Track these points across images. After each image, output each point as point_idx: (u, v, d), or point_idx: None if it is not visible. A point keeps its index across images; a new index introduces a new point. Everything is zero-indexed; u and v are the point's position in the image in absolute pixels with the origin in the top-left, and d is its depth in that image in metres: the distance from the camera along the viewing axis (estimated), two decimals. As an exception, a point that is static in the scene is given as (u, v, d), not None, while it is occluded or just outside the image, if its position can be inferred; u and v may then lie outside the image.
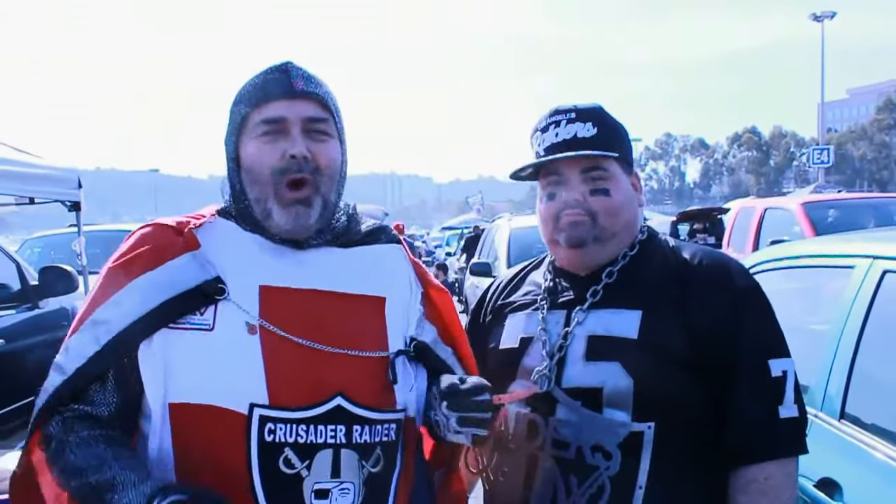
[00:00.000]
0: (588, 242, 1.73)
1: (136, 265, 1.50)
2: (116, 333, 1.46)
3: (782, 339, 1.69)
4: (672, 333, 1.64)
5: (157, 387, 1.45)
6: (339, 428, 1.45)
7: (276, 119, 1.50)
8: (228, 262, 1.51)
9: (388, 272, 1.64)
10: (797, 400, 1.64)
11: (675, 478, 1.62)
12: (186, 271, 1.49)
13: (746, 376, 1.62)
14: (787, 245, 3.96)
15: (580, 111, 1.76)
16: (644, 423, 1.62)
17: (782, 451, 1.63)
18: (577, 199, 1.72)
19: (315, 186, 1.51)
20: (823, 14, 35.43)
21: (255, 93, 1.53)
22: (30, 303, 6.01)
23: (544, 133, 1.77)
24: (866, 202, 10.60)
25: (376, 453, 1.50)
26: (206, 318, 1.47)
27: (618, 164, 1.75)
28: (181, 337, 1.45)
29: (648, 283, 1.72)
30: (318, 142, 1.52)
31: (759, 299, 1.70)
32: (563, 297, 1.79)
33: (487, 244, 11.57)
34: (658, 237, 1.84)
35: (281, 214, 1.50)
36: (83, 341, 1.47)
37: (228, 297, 1.47)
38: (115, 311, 1.47)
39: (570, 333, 1.72)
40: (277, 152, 1.49)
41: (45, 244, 10.25)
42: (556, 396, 1.69)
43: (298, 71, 1.54)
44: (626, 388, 1.62)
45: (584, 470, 1.64)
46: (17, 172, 4.99)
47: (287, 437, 1.43)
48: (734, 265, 1.77)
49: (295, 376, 1.45)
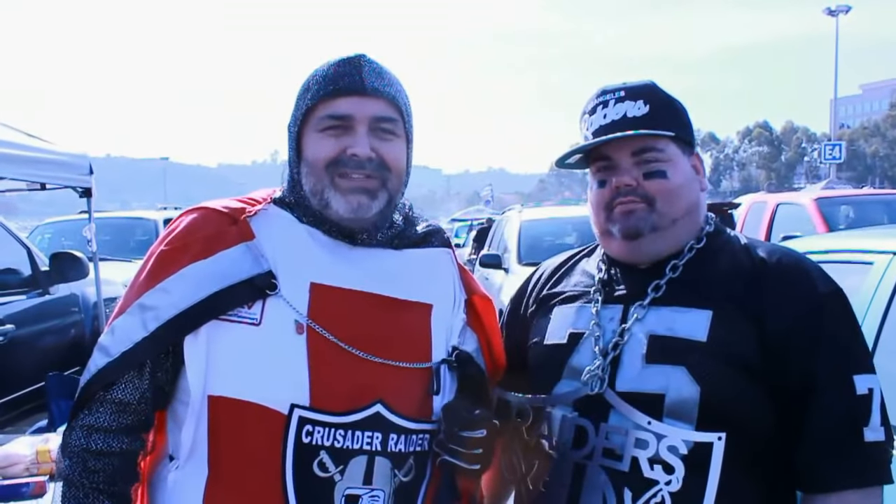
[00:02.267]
0: (645, 232, 1.56)
1: (188, 253, 1.47)
2: (165, 321, 1.44)
3: (868, 353, 1.54)
4: (745, 339, 1.47)
5: (199, 377, 1.43)
6: (375, 435, 1.44)
7: (342, 116, 1.47)
8: (281, 256, 1.48)
9: (437, 278, 1.61)
10: (884, 422, 1.46)
11: (747, 498, 1.47)
12: (239, 263, 1.46)
13: (828, 392, 1.44)
14: (803, 240, 3.92)
15: (630, 89, 1.60)
16: (714, 433, 1.44)
17: (868, 480, 1.44)
18: (630, 185, 1.55)
19: (382, 181, 1.49)
20: (838, 8, 35.21)
21: (324, 85, 1.49)
22: (40, 289, 6.02)
23: (592, 115, 1.61)
24: (879, 199, 10.54)
25: (409, 463, 1.49)
26: (254, 311, 1.44)
27: (674, 143, 1.58)
28: (228, 329, 1.43)
29: (718, 281, 1.54)
30: (384, 140, 1.49)
31: (842, 307, 1.53)
32: (619, 290, 1.61)
33: (497, 236, 11.52)
34: (728, 231, 1.67)
35: (340, 202, 1.47)
36: (131, 325, 1.46)
37: (279, 293, 1.44)
38: (165, 298, 1.45)
39: (628, 331, 1.54)
40: (337, 147, 1.47)
41: (55, 230, 10.29)
42: (609, 400, 1.51)
43: (371, 66, 1.50)
44: (692, 397, 1.45)
45: (641, 484, 1.46)
46: (29, 158, 4.98)
47: (324, 441, 1.41)
48: (814, 267, 1.58)
49: (337, 380, 1.43)
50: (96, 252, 5.97)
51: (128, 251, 9.00)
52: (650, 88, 1.62)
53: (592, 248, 1.78)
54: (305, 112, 1.50)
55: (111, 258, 8.09)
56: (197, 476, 1.45)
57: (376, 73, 1.50)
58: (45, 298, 6.08)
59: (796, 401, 1.46)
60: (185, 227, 1.52)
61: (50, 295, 6.13)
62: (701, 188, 1.64)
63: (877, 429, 1.45)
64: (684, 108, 1.66)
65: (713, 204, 1.92)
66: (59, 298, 6.24)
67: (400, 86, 1.54)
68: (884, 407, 1.48)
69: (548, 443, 1.58)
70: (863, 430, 1.44)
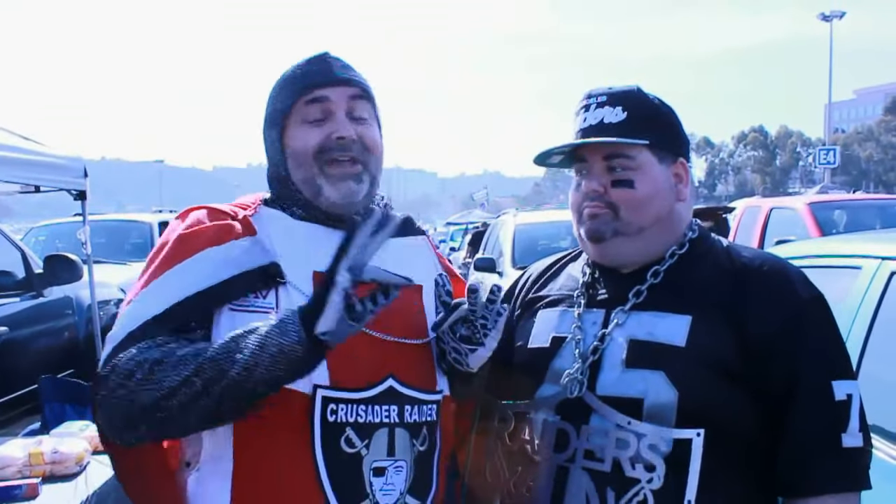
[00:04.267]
0: (607, 237, 1.58)
1: (202, 238, 1.52)
2: (182, 299, 1.45)
3: (847, 359, 1.54)
4: (724, 344, 1.49)
5: None
6: (392, 408, 1.50)
7: (320, 98, 1.55)
8: (282, 249, 1.54)
9: (420, 262, 1.69)
10: (862, 428, 1.48)
11: (727, 495, 1.48)
12: (250, 252, 1.51)
13: (807, 398, 1.46)
14: (793, 244, 3.94)
15: (612, 94, 1.62)
16: (692, 430, 1.46)
17: (846, 485, 1.45)
18: (598, 191, 1.59)
19: (365, 165, 1.57)
20: (832, 14, 35.32)
21: (299, 81, 1.58)
22: (34, 291, 6.02)
23: (577, 117, 1.65)
24: (873, 203, 10.57)
25: (423, 432, 1.54)
26: (269, 301, 1.50)
27: (650, 151, 1.58)
28: (245, 319, 1.45)
29: (699, 287, 1.55)
30: (361, 124, 1.58)
31: (823, 313, 1.54)
32: (602, 294, 1.63)
33: (492, 240, 11.54)
34: (711, 236, 1.68)
35: (331, 189, 1.55)
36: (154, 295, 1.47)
37: (288, 282, 1.50)
38: (184, 277, 1.48)
39: (608, 335, 1.56)
40: (322, 134, 1.55)
41: (49, 233, 10.27)
42: (590, 403, 1.53)
43: (336, 60, 1.61)
44: (670, 402, 1.47)
45: (623, 483, 1.48)
46: (23, 160, 4.98)
47: (348, 417, 1.47)
48: (796, 272, 1.59)
49: (351, 359, 1.47)
50: (90, 255, 5.96)
51: (123, 254, 9.00)
52: (633, 95, 1.63)
53: (579, 251, 1.80)
54: (284, 111, 1.58)
55: (106, 261, 8.08)
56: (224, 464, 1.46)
57: (343, 66, 1.60)
58: (39, 301, 6.08)
59: (776, 406, 1.48)
60: (194, 219, 1.57)
61: (44, 297, 6.13)
62: (679, 198, 1.63)
63: (855, 434, 1.46)
64: (671, 115, 1.65)
65: (707, 208, 1.92)
66: (52, 301, 6.24)
67: (364, 77, 1.63)
68: (862, 413, 1.49)
69: (530, 447, 1.59)
70: (841, 436, 1.45)
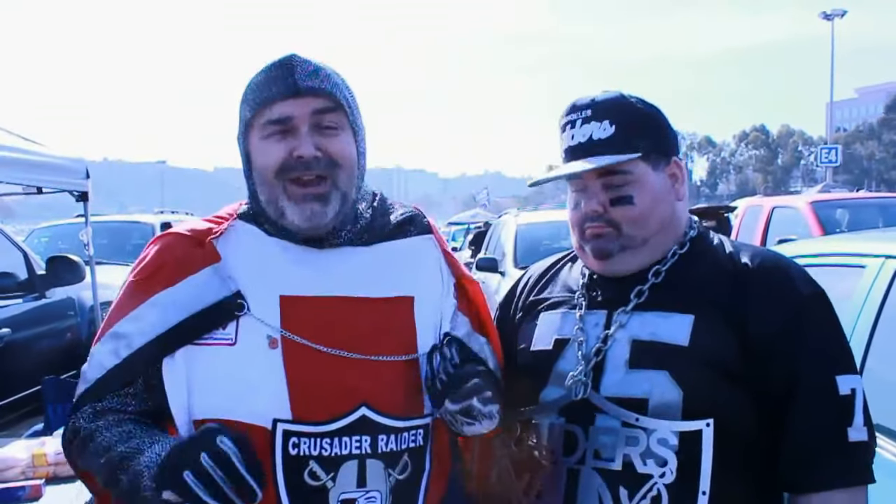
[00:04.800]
0: (615, 253, 1.57)
1: (157, 280, 1.49)
2: (136, 349, 1.47)
3: (850, 354, 1.54)
4: (726, 343, 1.48)
5: (182, 403, 1.45)
6: (363, 439, 1.43)
7: (281, 119, 1.45)
8: (248, 274, 1.49)
9: (417, 267, 1.59)
10: (867, 422, 1.47)
11: (743, 483, 1.48)
12: (207, 287, 1.47)
13: (811, 394, 1.46)
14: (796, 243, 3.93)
15: (596, 107, 1.58)
16: (702, 421, 1.46)
17: (852, 480, 1.45)
18: (597, 211, 1.57)
19: (333, 181, 1.46)
20: (833, 12, 35.23)
21: (259, 93, 1.46)
22: (37, 292, 6.03)
23: (563, 133, 1.62)
24: (875, 202, 10.54)
25: (403, 460, 1.47)
26: (229, 332, 1.45)
27: (643, 162, 1.56)
28: (204, 352, 1.45)
29: (700, 286, 1.55)
30: (328, 136, 1.46)
31: (824, 308, 1.54)
32: (603, 295, 1.62)
33: (494, 240, 11.53)
34: (710, 235, 1.67)
35: (294, 212, 1.46)
36: (104, 353, 1.49)
37: (248, 312, 1.45)
38: (136, 325, 1.48)
39: (611, 337, 1.55)
40: (283, 151, 1.44)
41: (52, 234, 10.29)
42: (596, 403, 1.52)
43: (302, 65, 1.46)
44: (675, 401, 1.47)
45: (635, 480, 1.47)
46: (25, 162, 4.99)
47: (311, 451, 1.41)
48: (796, 269, 1.58)
49: (318, 388, 1.43)
50: (93, 256, 5.97)
51: (125, 255, 8.99)
52: (617, 105, 1.59)
53: None
54: (247, 124, 1.49)
55: (108, 262, 8.09)
56: None
57: (309, 72, 1.46)
58: (42, 302, 6.09)
59: (780, 403, 1.48)
60: (153, 257, 1.54)
61: (46, 298, 6.14)
62: (677, 198, 1.62)
63: (860, 429, 1.46)
64: (659, 117, 1.63)
65: (709, 208, 1.91)
66: (55, 302, 6.25)
67: (339, 77, 1.51)
68: (866, 407, 1.49)
69: (538, 452, 1.58)
70: (846, 431, 1.45)
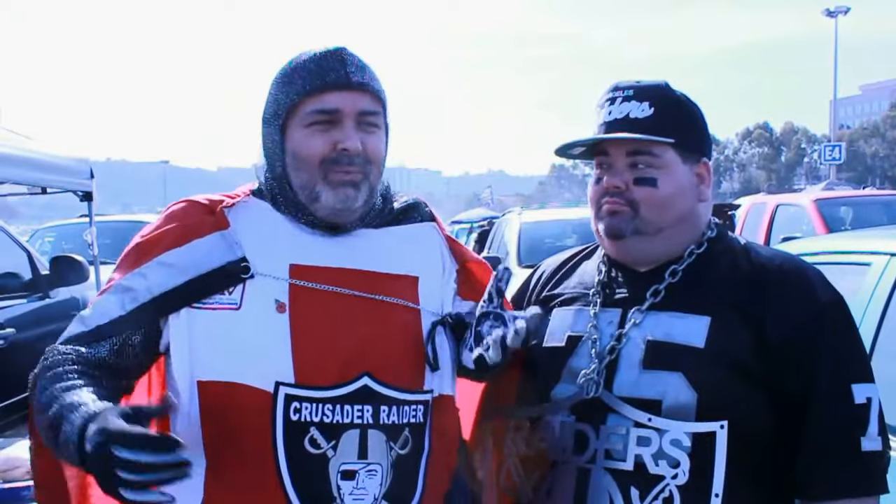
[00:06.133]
0: (627, 234, 1.56)
1: (164, 241, 1.52)
2: (140, 304, 1.48)
3: (867, 362, 1.53)
4: (743, 346, 1.47)
5: (185, 364, 1.47)
6: (365, 408, 1.44)
7: (331, 110, 1.49)
8: (258, 242, 1.51)
9: (421, 251, 1.62)
10: (881, 432, 1.46)
11: (756, 487, 1.47)
12: (213, 251, 1.49)
13: (826, 401, 1.44)
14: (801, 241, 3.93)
15: (639, 89, 1.58)
16: (716, 423, 1.44)
17: (864, 489, 1.44)
18: (619, 187, 1.55)
19: (364, 174, 1.51)
20: (837, 9, 35.16)
21: (310, 80, 1.50)
22: (41, 292, 6.03)
23: (601, 109, 1.60)
24: (879, 199, 10.54)
25: (404, 435, 1.48)
26: (234, 297, 1.47)
27: (674, 150, 1.55)
28: (208, 316, 1.47)
29: (717, 287, 1.53)
30: (368, 133, 1.51)
31: (843, 315, 1.53)
32: (618, 293, 1.60)
33: (497, 238, 11.51)
34: (729, 236, 1.65)
35: (329, 196, 1.49)
36: (111, 301, 1.50)
37: (255, 276, 1.47)
38: (142, 281, 1.49)
39: (625, 335, 1.53)
40: (329, 142, 1.49)
41: (56, 234, 10.32)
42: (608, 402, 1.51)
43: (354, 60, 1.52)
44: (689, 403, 1.45)
45: (647, 481, 1.45)
46: (30, 161, 5.00)
47: (312, 417, 1.42)
48: (816, 274, 1.56)
49: (322, 355, 1.44)
50: (97, 256, 5.98)
51: (128, 255, 9.00)
52: (660, 91, 1.59)
53: (593, 248, 1.76)
54: (290, 107, 1.51)
55: (112, 262, 8.06)
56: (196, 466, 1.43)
57: (359, 67, 1.52)
58: (46, 302, 6.09)
59: (795, 408, 1.46)
60: (164, 218, 1.57)
61: (50, 299, 6.13)
62: (700, 198, 1.60)
63: (874, 438, 1.45)
64: (698, 114, 1.62)
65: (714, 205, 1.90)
66: (59, 302, 6.25)
67: (379, 78, 1.57)
68: (881, 416, 1.48)
69: (548, 450, 1.57)
70: (860, 440, 1.44)
